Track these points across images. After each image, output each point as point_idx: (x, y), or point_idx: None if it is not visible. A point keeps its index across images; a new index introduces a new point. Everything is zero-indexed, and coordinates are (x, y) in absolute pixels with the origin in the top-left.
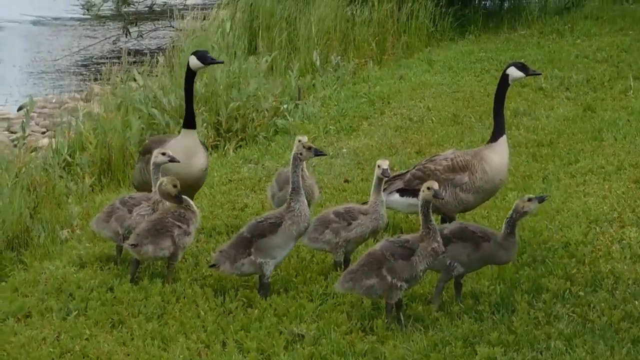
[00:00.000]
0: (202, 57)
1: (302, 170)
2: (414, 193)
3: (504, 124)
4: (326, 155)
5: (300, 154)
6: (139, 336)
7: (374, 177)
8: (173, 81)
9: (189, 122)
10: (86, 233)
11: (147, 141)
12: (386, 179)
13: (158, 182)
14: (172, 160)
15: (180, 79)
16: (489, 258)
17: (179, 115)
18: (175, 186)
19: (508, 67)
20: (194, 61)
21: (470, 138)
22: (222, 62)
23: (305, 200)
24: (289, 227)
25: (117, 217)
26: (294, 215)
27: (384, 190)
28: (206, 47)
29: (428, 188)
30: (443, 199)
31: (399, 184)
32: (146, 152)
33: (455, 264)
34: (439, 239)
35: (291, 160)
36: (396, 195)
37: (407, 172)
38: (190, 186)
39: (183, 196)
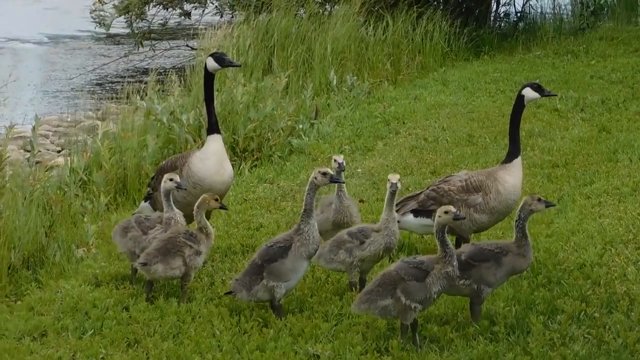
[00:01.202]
0: (220, 58)
1: (341, 191)
2: (428, 214)
3: (519, 145)
4: (343, 182)
5: (315, 178)
6: (154, 355)
7: (387, 193)
8: (190, 100)
9: (214, 128)
10: (102, 252)
11: (170, 158)
12: (396, 190)
13: (201, 199)
14: (179, 186)
15: (198, 96)
16: (512, 271)
17: (197, 133)
18: (216, 200)
19: (523, 87)
20: (211, 63)
21: (485, 159)
22: (240, 65)
23: (316, 224)
24: (298, 249)
25: (132, 237)
26: (303, 238)
27: (397, 210)
28: None
29: (446, 212)
30: (464, 218)
31: (413, 204)
32: (172, 169)
33: (483, 287)
34: (454, 263)
35: (307, 184)
36: (410, 216)
37: (421, 192)
38: (221, 195)
39: (201, 217)
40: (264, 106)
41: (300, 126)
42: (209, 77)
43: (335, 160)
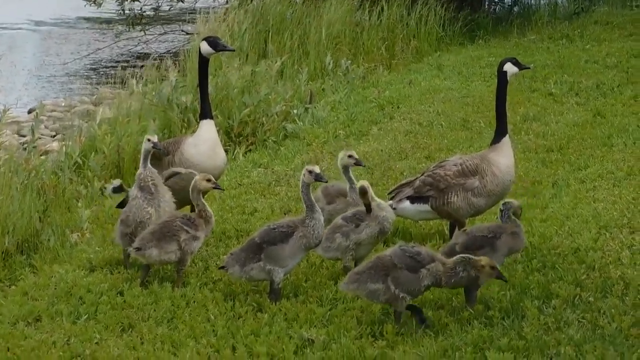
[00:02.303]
0: (214, 43)
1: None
2: (425, 200)
3: (506, 124)
4: (326, 181)
5: (304, 175)
6: (148, 340)
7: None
8: (186, 83)
9: (207, 113)
10: (96, 237)
11: (162, 144)
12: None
13: (193, 182)
14: (155, 146)
15: (193, 81)
16: (508, 251)
17: (193, 116)
18: (209, 180)
19: (503, 64)
20: (205, 47)
21: (480, 143)
22: (233, 50)
23: (321, 218)
24: (299, 239)
25: (122, 221)
26: (307, 230)
27: (392, 198)
28: None
29: (492, 267)
30: (507, 281)
31: (409, 191)
32: (165, 154)
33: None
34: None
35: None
36: (407, 203)
37: (416, 179)
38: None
39: (199, 200)
40: (259, 91)
41: (295, 111)
42: (203, 61)
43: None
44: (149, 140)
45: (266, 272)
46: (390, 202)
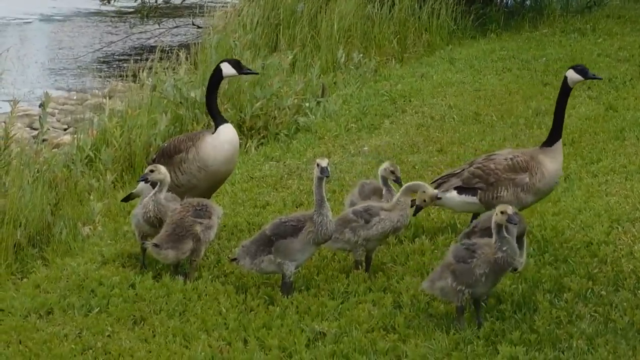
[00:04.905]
0: (237, 65)
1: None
2: (473, 191)
3: (561, 129)
4: (328, 176)
5: (314, 170)
6: (160, 333)
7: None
8: (198, 77)
9: (222, 119)
10: (108, 230)
11: (173, 140)
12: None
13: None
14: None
15: (204, 74)
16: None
17: (203, 110)
18: None
19: (568, 70)
20: (227, 69)
21: (492, 137)
22: (258, 74)
23: (329, 214)
24: (308, 234)
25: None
26: (315, 227)
27: (437, 187)
28: (228, 44)
29: (502, 212)
30: (517, 224)
31: (456, 181)
32: (176, 152)
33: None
34: (504, 249)
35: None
36: (454, 193)
37: (463, 170)
38: (224, 180)
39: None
40: (271, 84)
41: (307, 104)
42: (218, 80)
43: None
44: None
45: (276, 265)
46: (437, 190)
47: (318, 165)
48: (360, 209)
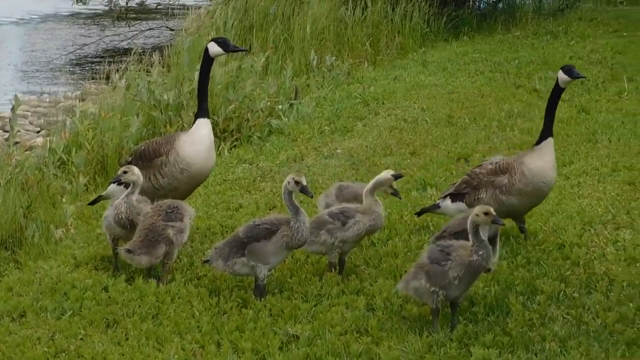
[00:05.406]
0: (224, 44)
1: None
2: (462, 197)
3: (551, 128)
4: (311, 196)
5: (289, 183)
6: (133, 336)
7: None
8: (171, 79)
9: (204, 112)
10: (81, 233)
11: (150, 143)
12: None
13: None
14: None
15: (177, 76)
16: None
17: (177, 113)
18: None
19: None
20: (214, 48)
21: (465, 139)
22: (246, 50)
23: (305, 220)
24: (281, 238)
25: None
26: (290, 231)
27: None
28: (201, 47)
29: (485, 213)
30: (503, 225)
31: (450, 189)
32: (155, 155)
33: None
34: (481, 253)
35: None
36: (448, 201)
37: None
38: (203, 181)
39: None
40: (243, 87)
41: (280, 107)
42: (208, 62)
43: (298, 183)
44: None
45: (249, 267)
46: (439, 200)
47: (298, 182)
48: (336, 211)
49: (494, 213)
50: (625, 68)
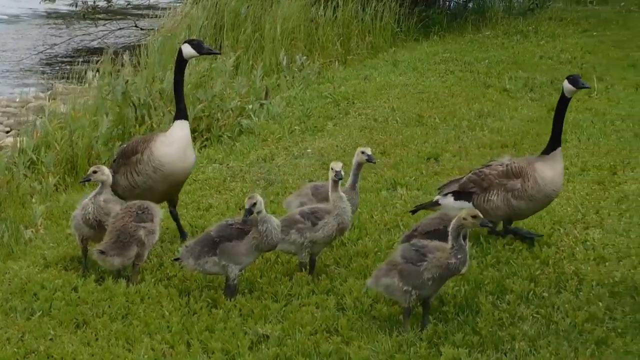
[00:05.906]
0: (198, 45)
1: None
2: (468, 196)
3: (560, 136)
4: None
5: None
6: (103, 336)
7: (330, 181)
8: (141, 79)
9: (182, 113)
10: (50, 233)
11: (133, 141)
12: (341, 179)
13: None
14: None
15: (148, 76)
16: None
17: (147, 112)
18: None
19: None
20: (187, 49)
21: (435, 139)
22: (219, 53)
23: (274, 224)
24: (251, 240)
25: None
26: (259, 234)
27: (439, 192)
28: (173, 46)
29: (473, 217)
30: (491, 226)
31: (454, 187)
32: (133, 153)
33: None
34: (459, 257)
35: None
36: (450, 199)
37: (464, 176)
38: (180, 182)
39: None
40: (213, 86)
41: (250, 106)
42: (181, 63)
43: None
44: None
45: (220, 266)
46: (438, 197)
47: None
48: (307, 211)
49: (481, 216)
50: (594, 68)
